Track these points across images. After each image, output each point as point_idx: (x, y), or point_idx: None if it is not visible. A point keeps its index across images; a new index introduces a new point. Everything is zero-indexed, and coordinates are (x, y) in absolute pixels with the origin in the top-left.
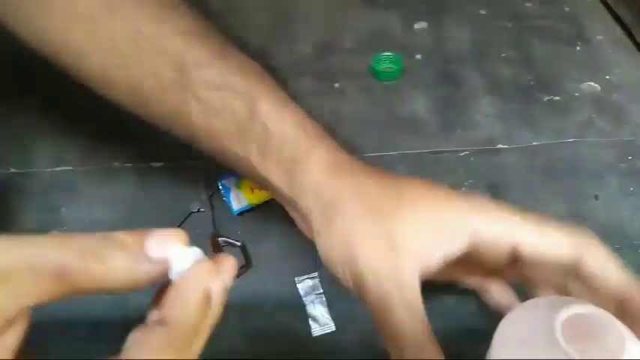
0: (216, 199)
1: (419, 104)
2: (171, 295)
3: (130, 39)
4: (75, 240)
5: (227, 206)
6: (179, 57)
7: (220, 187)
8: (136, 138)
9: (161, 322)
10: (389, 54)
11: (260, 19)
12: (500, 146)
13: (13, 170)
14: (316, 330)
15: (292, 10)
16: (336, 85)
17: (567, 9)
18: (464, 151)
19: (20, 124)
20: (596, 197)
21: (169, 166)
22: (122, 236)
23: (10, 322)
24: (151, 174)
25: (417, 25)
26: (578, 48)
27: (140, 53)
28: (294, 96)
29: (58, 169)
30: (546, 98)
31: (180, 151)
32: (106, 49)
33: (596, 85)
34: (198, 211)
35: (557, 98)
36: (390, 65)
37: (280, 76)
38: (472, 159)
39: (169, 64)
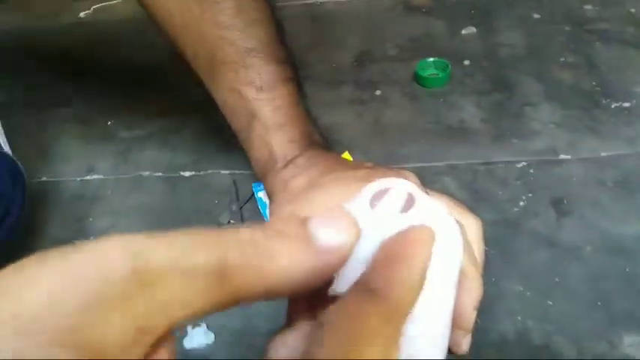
0: (247, 210)
1: (468, 112)
2: (383, 263)
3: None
4: (228, 233)
5: (259, 218)
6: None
7: (256, 199)
8: (168, 147)
9: (374, 295)
10: (435, 59)
11: (300, 28)
12: (563, 157)
13: (44, 179)
14: None
15: (332, 18)
16: (378, 92)
17: (633, 10)
18: (521, 161)
19: (55, 134)
20: None
21: (200, 176)
22: (280, 225)
23: (159, 342)
24: (181, 183)
25: (465, 31)
26: None
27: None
28: (333, 103)
29: (88, 177)
30: (614, 105)
31: (212, 161)
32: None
33: None
34: (228, 222)
35: (626, 104)
36: (436, 71)
37: (317, 86)
38: (531, 170)
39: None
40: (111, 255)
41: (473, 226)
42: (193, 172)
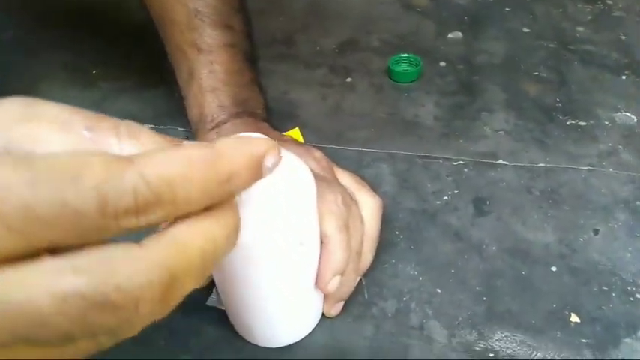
0: None
1: (426, 108)
2: None
3: None
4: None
5: None
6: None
7: None
8: (140, 100)
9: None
10: (408, 55)
11: (295, 9)
12: (501, 162)
13: None
14: None
15: (330, 4)
16: (349, 79)
17: (623, 37)
18: (459, 160)
19: (41, 75)
20: (596, 232)
21: (157, 129)
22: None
23: None
24: None
25: (452, 35)
26: (624, 77)
27: None
28: (305, 82)
29: None
30: (569, 122)
31: (173, 118)
32: None
33: (632, 116)
34: None
35: (582, 123)
36: (408, 67)
37: (296, 64)
38: (466, 170)
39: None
40: None
41: (368, 203)
42: (152, 126)
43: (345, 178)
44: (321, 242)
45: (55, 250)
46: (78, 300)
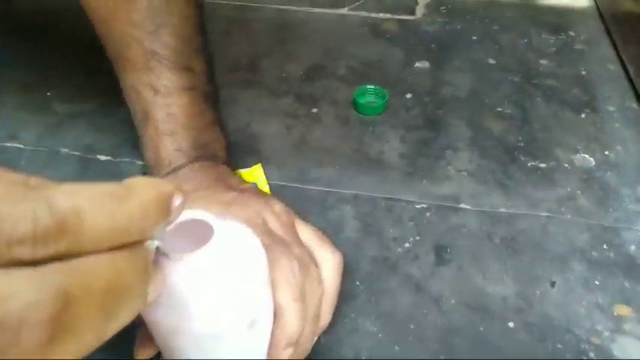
0: None
1: (391, 145)
2: None
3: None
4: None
5: None
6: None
7: None
8: (96, 128)
9: None
10: (374, 87)
11: (260, 31)
12: (463, 206)
13: None
14: None
15: (299, 27)
16: (314, 110)
17: (584, 73)
18: (421, 203)
19: None
20: (553, 284)
21: (115, 162)
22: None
23: None
24: (94, 166)
25: (419, 64)
26: (583, 115)
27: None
28: (268, 113)
29: (7, 144)
30: (530, 163)
31: (131, 149)
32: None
33: (591, 158)
34: None
35: (542, 165)
36: (374, 99)
37: (260, 92)
38: (428, 214)
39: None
40: None
41: (328, 262)
42: (110, 157)
43: (305, 232)
44: (275, 312)
45: None
46: None
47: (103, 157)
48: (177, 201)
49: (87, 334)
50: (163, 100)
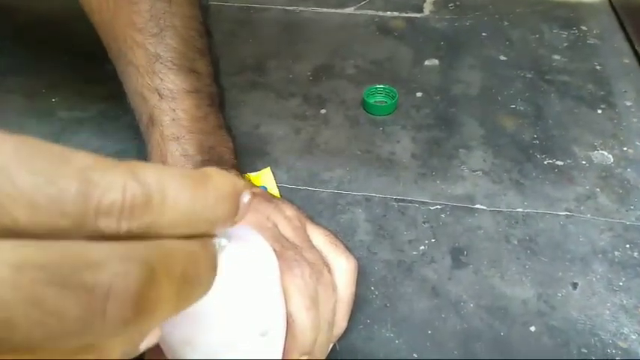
0: None
1: (402, 145)
2: None
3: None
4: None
5: None
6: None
7: None
8: (101, 133)
9: None
10: (384, 86)
11: (267, 32)
12: (478, 206)
13: None
14: None
15: (305, 27)
16: (323, 111)
17: (598, 67)
18: (436, 204)
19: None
20: (575, 286)
21: None
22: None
23: None
24: None
25: (428, 62)
26: (599, 111)
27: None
28: (277, 115)
29: None
30: (547, 161)
31: (137, 154)
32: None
33: (609, 155)
34: None
35: (559, 163)
36: (384, 99)
37: (268, 94)
38: (443, 215)
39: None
40: None
41: (342, 267)
42: None
43: (318, 237)
44: (287, 321)
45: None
46: (34, 271)
47: None
48: (245, 198)
49: (161, 318)
50: (168, 104)
